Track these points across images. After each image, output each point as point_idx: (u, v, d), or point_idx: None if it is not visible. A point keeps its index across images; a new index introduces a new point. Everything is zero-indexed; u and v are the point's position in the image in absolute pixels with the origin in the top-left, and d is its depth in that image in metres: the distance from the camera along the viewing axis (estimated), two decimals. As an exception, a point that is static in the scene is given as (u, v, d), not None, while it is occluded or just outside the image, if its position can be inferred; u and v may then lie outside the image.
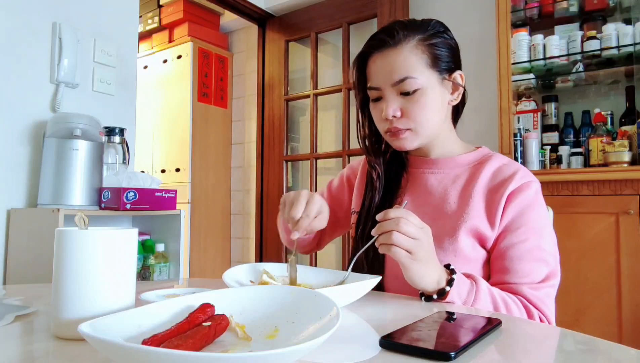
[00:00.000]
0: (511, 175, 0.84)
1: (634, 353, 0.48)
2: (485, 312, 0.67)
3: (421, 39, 0.83)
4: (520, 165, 0.88)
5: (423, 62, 0.82)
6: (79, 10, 1.76)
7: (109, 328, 0.42)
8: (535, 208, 0.82)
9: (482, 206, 0.83)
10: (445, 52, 0.85)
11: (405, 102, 0.83)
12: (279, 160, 3.00)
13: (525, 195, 0.82)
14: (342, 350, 0.49)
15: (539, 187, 0.85)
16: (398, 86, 0.82)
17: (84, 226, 0.53)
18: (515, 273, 0.78)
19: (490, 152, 0.93)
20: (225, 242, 3.48)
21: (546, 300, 0.78)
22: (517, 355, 0.51)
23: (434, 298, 0.71)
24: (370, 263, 0.87)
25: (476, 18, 2.38)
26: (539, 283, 0.78)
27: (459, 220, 0.82)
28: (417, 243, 0.68)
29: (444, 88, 0.86)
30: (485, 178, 0.86)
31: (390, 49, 0.83)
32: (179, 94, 3.27)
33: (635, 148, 1.79)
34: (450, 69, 0.86)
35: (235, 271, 0.78)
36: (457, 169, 0.90)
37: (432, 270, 0.70)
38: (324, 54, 3.05)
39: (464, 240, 0.81)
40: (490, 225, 0.81)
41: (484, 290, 0.73)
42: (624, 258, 1.68)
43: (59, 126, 1.54)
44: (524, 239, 0.79)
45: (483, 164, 0.88)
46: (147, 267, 1.73)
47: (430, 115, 0.84)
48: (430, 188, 0.90)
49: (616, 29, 1.89)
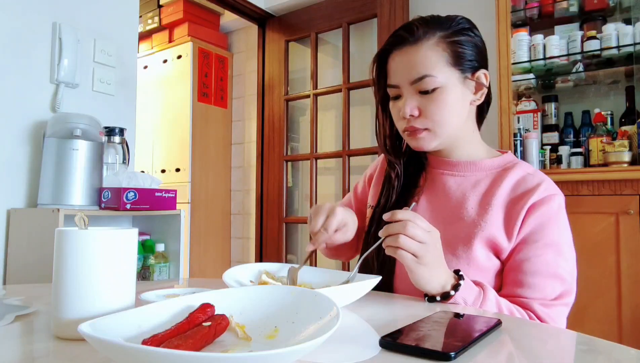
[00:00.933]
0: (534, 187, 0.80)
1: (634, 353, 0.48)
2: (483, 312, 0.67)
3: (443, 36, 0.81)
4: (545, 176, 0.84)
5: (444, 60, 0.80)
6: (79, 10, 1.76)
7: (109, 328, 0.42)
8: (556, 223, 0.78)
9: (501, 217, 0.80)
10: (469, 50, 0.82)
11: (423, 101, 0.81)
12: (279, 160, 3.00)
13: (546, 209, 0.78)
14: (342, 350, 0.49)
15: (563, 200, 0.81)
16: (417, 84, 0.80)
17: (84, 226, 0.53)
18: (528, 287, 0.75)
19: (515, 158, 0.89)
20: (225, 242, 3.48)
21: (557, 318, 0.75)
22: (517, 355, 0.51)
23: (437, 300, 0.71)
24: (381, 264, 0.86)
25: (476, 18, 2.35)
26: (552, 300, 0.75)
27: (475, 229, 0.80)
28: (423, 247, 0.67)
29: (466, 87, 0.83)
30: (507, 187, 0.82)
31: (410, 46, 0.81)
32: (179, 94, 3.27)
33: (635, 148, 1.79)
34: (474, 68, 0.83)
35: (235, 271, 0.78)
36: (478, 174, 0.87)
37: (438, 274, 0.69)
38: (324, 54, 3.05)
39: (479, 249, 0.78)
40: (507, 237, 0.79)
41: (491, 300, 0.72)
42: (624, 258, 1.68)
43: (59, 126, 1.54)
44: (540, 254, 0.76)
45: (507, 172, 0.85)
46: (147, 267, 1.73)
47: (449, 115, 0.81)
48: (448, 191, 0.87)
49: (616, 29, 1.89)
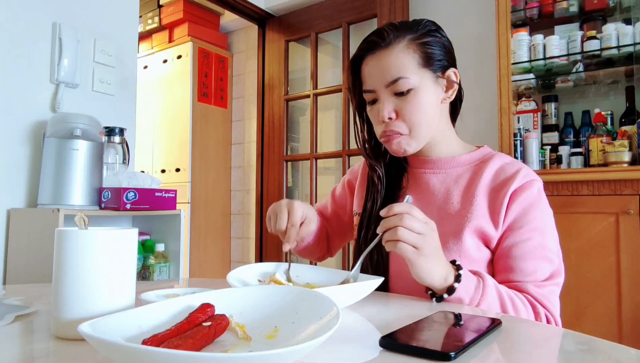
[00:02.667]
0: (513, 174, 0.83)
1: (634, 353, 0.48)
2: (482, 312, 0.67)
3: (412, 39, 0.83)
4: (523, 163, 0.88)
5: (415, 62, 0.82)
6: (79, 10, 1.76)
7: (109, 328, 0.42)
8: (538, 207, 0.82)
9: (486, 206, 0.83)
10: (438, 50, 0.85)
11: (399, 103, 0.83)
12: (279, 160, 3.00)
13: (528, 194, 0.82)
14: (342, 350, 0.49)
15: (542, 185, 0.85)
16: (392, 87, 0.83)
17: (84, 226, 0.53)
18: (519, 272, 0.78)
19: (492, 151, 0.92)
20: (225, 242, 3.48)
21: (551, 297, 0.78)
22: (517, 355, 0.51)
23: (444, 298, 0.71)
24: (375, 265, 0.87)
25: (476, 18, 2.38)
26: (544, 281, 0.78)
27: (463, 220, 0.82)
28: (422, 238, 0.67)
29: (438, 86, 0.86)
30: (487, 177, 0.85)
31: (382, 50, 0.83)
32: (179, 94, 3.27)
33: (635, 148, 1.79)
34: (443, 67, 0.86)
35: (240, 272, 0.78)
36: (458, 169, 0.89)
37: (439, 266, 0.70)
38: (323, 54, 3.05)
39: (469, 240, 0.81)
40: (494, 225, 0.81)
41: (491, 286, 0.73)
42: (624, 258, 1.68)
43: (59, 126, 1.54)
44: (527, 238, 0.79)
45: (485, 163, 0.88)
46: (147, 267, 1.73)
47: (425, 114, 0.84)
48: (433, 189, 0.89)
49: (616, 29, 1.89)
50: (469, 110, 2.37)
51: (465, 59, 2.36)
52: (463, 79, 0.91)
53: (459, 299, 0.71)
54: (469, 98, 0.97)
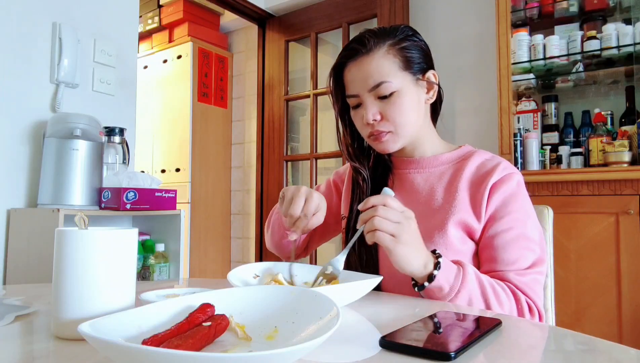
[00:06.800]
0: (493, 168, 0.87)
1: (634, 353, 0.48)
2: (480, 312, 0.67)
3: (392, 44, 0.86)
4: (502, 158, 0.91)
5: (396, 66, 0.85)
6: (79, 10, 1.76)
7: (109, 328, 0.42)
8: (518, 198, 0.84)
9: (467, 199, 0.86)
10: (417, 54, 0.88)
11: (383, 105, 0.86)
12: (279, 160, 3.00)
13: (507, 186, 0.84)
14: (342, 350, 0.49)
15: (521, 178, 0.88)
16: (375, 91, 0.86)
17: (84, 226, 0.53)
18: (501, 261, 0.80)
19: (473, 149, 0.95)
20: (225, 242, 3.48)
21: (533, 285, 0.79)
22: (517, 355, 0.51)
23: (425, 286, 0.72)
24: (365, 265, 0.89)
25: (476, 18, 2.38)
26: (525, 269, 0.80)
27: (446, 214, 0.85)
28: (399, 226, 0.69)
29: (419, 88, 0.89)
30: (469, 172, 0.88)
31: (363, 56, 0.86)
32: (178, 94, 3.27)
33: (635, 148, 1.79)
34: (423, 70, 0.89)
35: (241, 271, 0.78)
36: (441, 167, 0.92)
37: (418, 253, 0.71)
38: (324, 54, 3.05)
39: (453, 233, 0.83)
40: (476, 217, 0.84)
41: (471, 274, 0.74)
42: (624, 258, 1.68)
43: (59, 126, 1.54)
44: (508, 228, 0.82)
45: (467, 160, 0.91)
46: (147, 267, 1.74)
47: (408, 115, 0.87)
48: (417, 187, 0.92)
49: (616, 29, 1.89)
50: (469, 110, 2.39)
51: (465, 59, 2.36)
52: (463, 79, 0.91)
53: (439, 287, 0.72)
54: (469, 98, 0.98)
